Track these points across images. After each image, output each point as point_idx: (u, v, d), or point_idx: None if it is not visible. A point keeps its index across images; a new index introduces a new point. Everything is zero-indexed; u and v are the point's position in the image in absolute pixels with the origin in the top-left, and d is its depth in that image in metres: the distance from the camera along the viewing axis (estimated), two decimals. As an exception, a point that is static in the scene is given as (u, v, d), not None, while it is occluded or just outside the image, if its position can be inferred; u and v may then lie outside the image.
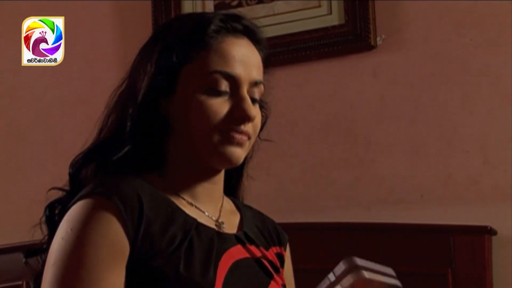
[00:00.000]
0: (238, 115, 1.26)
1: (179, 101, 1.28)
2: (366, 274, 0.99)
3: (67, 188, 1.32)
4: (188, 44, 1.27)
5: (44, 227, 1.31)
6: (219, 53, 1.27)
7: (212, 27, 1.28)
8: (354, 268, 0.98)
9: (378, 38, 2.41)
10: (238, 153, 1.28)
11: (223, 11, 1.33)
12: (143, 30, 2.58)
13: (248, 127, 1.28)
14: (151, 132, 1.29)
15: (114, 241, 1.19)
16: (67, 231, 1.20)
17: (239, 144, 1.28)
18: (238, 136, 1.27)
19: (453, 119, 2.31)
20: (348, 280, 0.99)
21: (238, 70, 1.27)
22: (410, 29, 2.38)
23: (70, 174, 1.32)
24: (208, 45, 1.27)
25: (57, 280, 1.16)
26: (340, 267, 1.00)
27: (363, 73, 2.43)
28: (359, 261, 0.99)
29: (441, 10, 2.35)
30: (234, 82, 1.27)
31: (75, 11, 2.75)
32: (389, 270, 1.02)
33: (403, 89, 2.38)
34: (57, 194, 1.33)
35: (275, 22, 2.47)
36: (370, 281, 1.00)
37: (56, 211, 1.31)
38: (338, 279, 1.00)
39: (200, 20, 1.30)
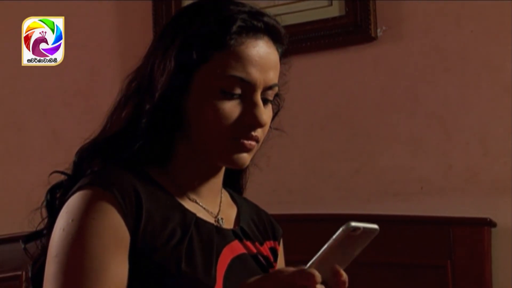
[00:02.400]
0: (249, 122, 1.25)
1: (193, 100, 1.26)
2: (352, 223, 1.09)
3: (69, 172, 1.31)
4: (208, 43, 1.25)
5: (44, 212, 1.31)
6: (237, 57, 1.25)
7: (234, 28, 1.25)
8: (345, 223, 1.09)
9: (378, 30, 2.40)
10: (245, 158, 1.28)
11: (244, 6, 1.30)
12: (143, 25, 2.58)
13: (257, 132, 1.27)
14: (164, 129, 1.28)
15: (116, 230, 1.19)
16: (68, 222, 1.19)
17: (247, 150, 1.27)
18: (247, 143, 1.26)
19: (453, 111, 2.31)
20: (338, 232, 1.09)
21: (254, 75, 1.25)
22: (410, 20, 2.38)
23: (74, 162, 1.31)
24: (227, 47, 1.25)
25: (61, 272, 1.16)
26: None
27: (363, 65, 2.42)
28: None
29: (441, 2, 2.35)
30: (249, 87, 1.26)
31: (75, 11, 2.75)
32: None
33: (403, 80, 2.38)
34: (59, 179, 1.33)
35: (276, 13, 2.41)
36: (355, 228, 1.10)
37: (57, 196, 1.30)
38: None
39: (223, 18, 1.26)
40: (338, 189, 2.40)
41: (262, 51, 1.27)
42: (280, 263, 1.45)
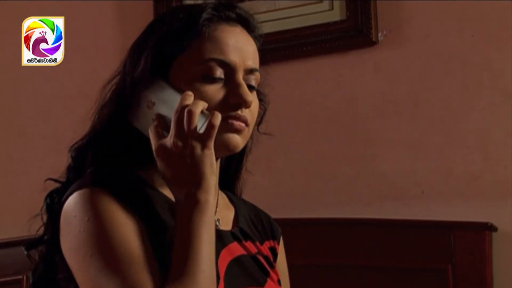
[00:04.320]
0: (234, 101, 1.25)
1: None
2: None
3: (62, 179, 1.31)
4: (181, 34, 1.26)
5: (45, 217, 1.30)
6: (213, 41, 1.25)
7: (205, 15, 1.26)
8: None
9: (379, 34, 2.40)
10: (237, 139, 1.26)
11: (217, 1, 1.32)
12: (144, 25, 2.58)
13: (245, 113, 1.26)
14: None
15: (132, 218, 1.19)
16: (84, 221, 1.18)
17: (238, 131, 1.26)
18: (236, 123, 1.25)
19: (454, 115, 2.31)
20: None
21: (233, 57, 1.26)
22: (411, 24, 2.38)
23: (73, 158, 1.31)
24: (201, 34, 1.25)
25: (106, 266, 1.14)
26: None
27: (364, 69, 2.42)
28: None
29: (442, 6, 2.35)
30: (229, 69, 1.26)
31: (75, 11, 2.75)
32: None
33: (404, 84, 2.38)
34: (55, 185, 1.33)
35: (277, 17, 2.47)
36: None
37: (56, 200, 1.29)
38: None
39: (192, 10, 1.28)
40: (339, 193, 2.40)
41: (238, 37, 1.28)
42: (281, 262, 1.44)
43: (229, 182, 1.42)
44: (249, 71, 1.28)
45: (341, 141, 2.42)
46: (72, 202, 1.21)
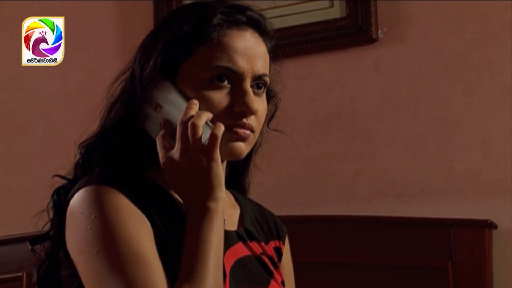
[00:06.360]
0: (239, 109, 1.24)
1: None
2: None
3: (70, 176, 1.31)
4: (189, 39, 1.25)
5: (50, 214, 1.30)
6: (221, 48, 1.24)
7: (215, 21, 1.25)
8: None
9: (379, 32, 2.40)
10: (241, 147, 1.26)
11: (226, 2, 1.30)
12: (144, 25, 2.59)
13: (251, 120, 1.26)
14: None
15: (139, 217, 1.19)
16: (91, 218, 1.18)
17: (243, 139, 1.26)
18: (241, 131, 1.25)
19: (454, 112, 2.31)
20: None
21: (241, 64, 1.25)
22: (411, 22, 2.38)
23: (81, 155, 1.30)
24: (210, 39, 1.24)
25: (113, 263, 1.14)
26: None
27: (364, 66, 2.42)
28: None
29: (442, 4, 2.35)
30: (237, 76, 1.25)
31: (75, 11, 2.75)
32: None
33: (404, 82, 2.38)
34: (61, 181, 1.32)
35: (277, 14, 2.47)
36: None
37: (62, 196, 1.29)
38: None
39: (201, 14, 1.27)
40: (339, 190, 2.40)
41: (247, 42, 1.27)
42: (286, 262, 1.44)
43: (237, 176, 1.42)
44: (257, 77, 1.27)
45: (341, 138, 2.43)
46: (79, 199, 1.21)
